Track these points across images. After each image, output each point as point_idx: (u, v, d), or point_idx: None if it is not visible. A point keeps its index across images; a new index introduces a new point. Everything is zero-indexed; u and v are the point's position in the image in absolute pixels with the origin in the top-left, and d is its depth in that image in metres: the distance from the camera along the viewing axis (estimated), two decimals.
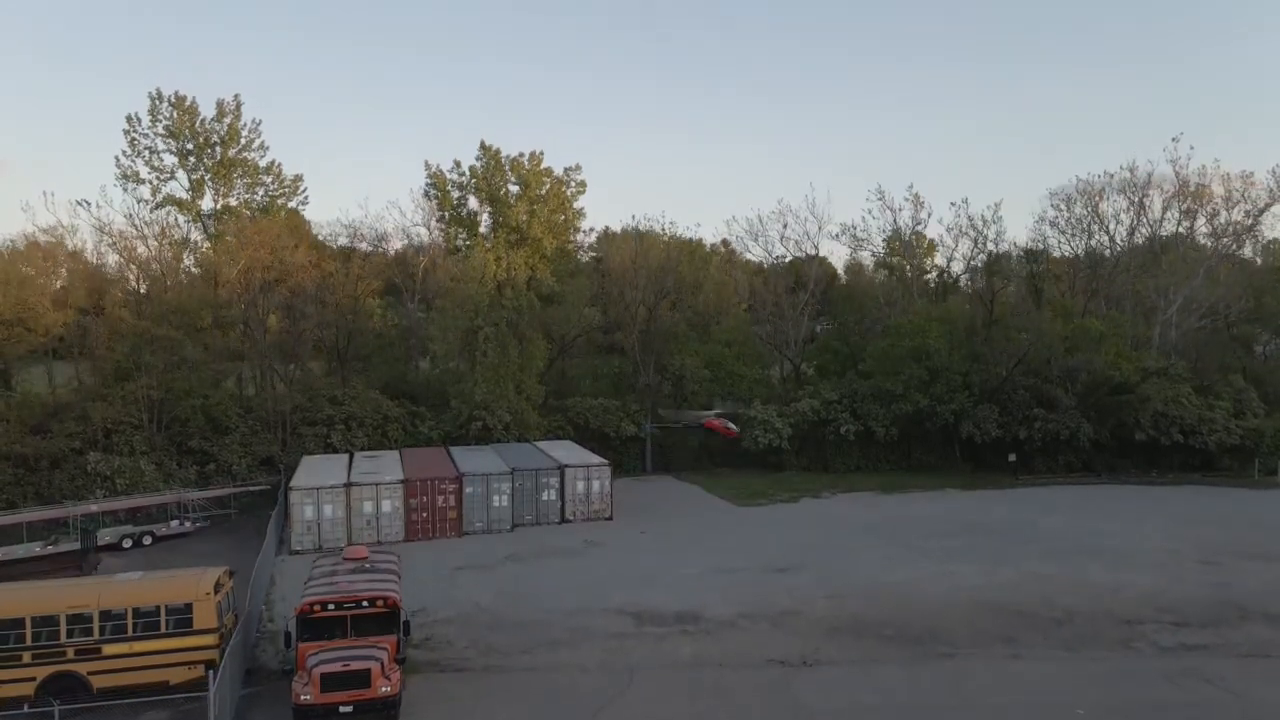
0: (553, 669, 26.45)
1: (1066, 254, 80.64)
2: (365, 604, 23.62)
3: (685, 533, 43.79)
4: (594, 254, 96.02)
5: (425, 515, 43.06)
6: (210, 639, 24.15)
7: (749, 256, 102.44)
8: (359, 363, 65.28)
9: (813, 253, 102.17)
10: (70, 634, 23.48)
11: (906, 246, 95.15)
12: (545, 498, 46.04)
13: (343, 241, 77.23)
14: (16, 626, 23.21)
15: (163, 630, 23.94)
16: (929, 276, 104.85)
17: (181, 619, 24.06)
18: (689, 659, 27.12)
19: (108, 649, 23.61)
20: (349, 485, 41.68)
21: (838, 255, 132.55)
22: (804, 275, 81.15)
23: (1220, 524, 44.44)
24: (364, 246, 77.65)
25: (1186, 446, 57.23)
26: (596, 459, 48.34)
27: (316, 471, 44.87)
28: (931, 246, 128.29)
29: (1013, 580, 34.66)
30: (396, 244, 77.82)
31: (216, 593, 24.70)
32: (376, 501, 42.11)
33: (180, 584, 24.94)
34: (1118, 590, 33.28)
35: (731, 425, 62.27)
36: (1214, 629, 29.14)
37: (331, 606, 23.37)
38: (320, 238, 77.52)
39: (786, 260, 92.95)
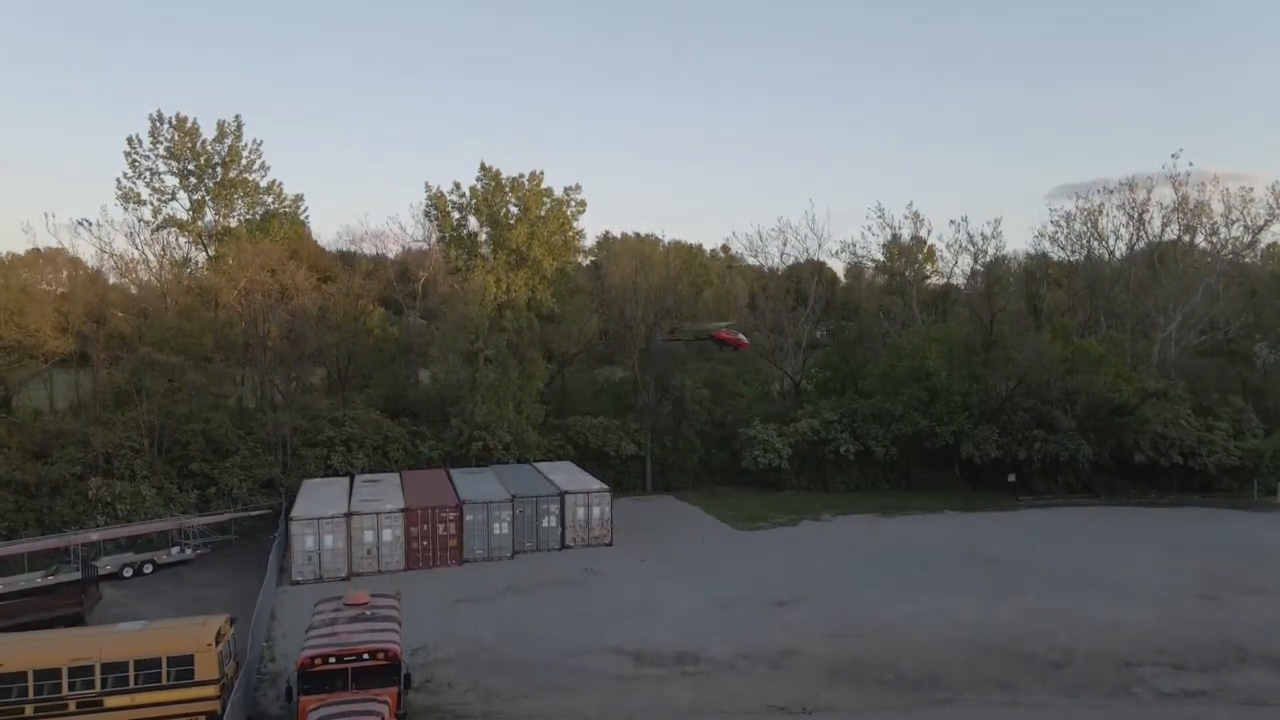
0: (553, 715, 26.55)
1: (1067, 260, 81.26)
2: (366, 656, 23.72)
3: (684, 560, 43.79)
4: (593, 259, 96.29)
5: (426, 544, 43.11)
6: (212, 690, 24.28)
7: (749, 261, 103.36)
8: (359, 379, 65.34)
9: (813, 260, 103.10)
10: (72, 686, 23.58)
11: (906, 253, 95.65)
12: (546, 524, 46.10)
13: (344, 246, 77.37)
14: (19, 680, 23.29)
15: (164, 682, 24.05)
16: (929, 281, 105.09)
17: (183, 670, 24.16)
18: (688, 705, 27.22)
19: (109, 701, 23.72)
20: (349, 515, 41.70)
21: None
22: (804, 285, 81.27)
23: (1219, 552, 44.41)
24: (365, 250, 77.65)
25: (1186, 468, 57.24)
26: (597, 484, 48.36)
27: (317, 499, 44.90)
28: (931, 252, 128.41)
29: (1012, 617, 34.72)
30: (397, 248, 77.84)
31: (218, 643, 24.79)
32: (377, 530, 42.15)
33: (182, 635, 25.01)
34: (1117, 628, 33.35)
35: (742, 336, 61.87)
36: (1213, 673, 29.21)
37: (333, 660, 23.47)
38: (321, 246, 77.79)
39: (787, 265, 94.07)
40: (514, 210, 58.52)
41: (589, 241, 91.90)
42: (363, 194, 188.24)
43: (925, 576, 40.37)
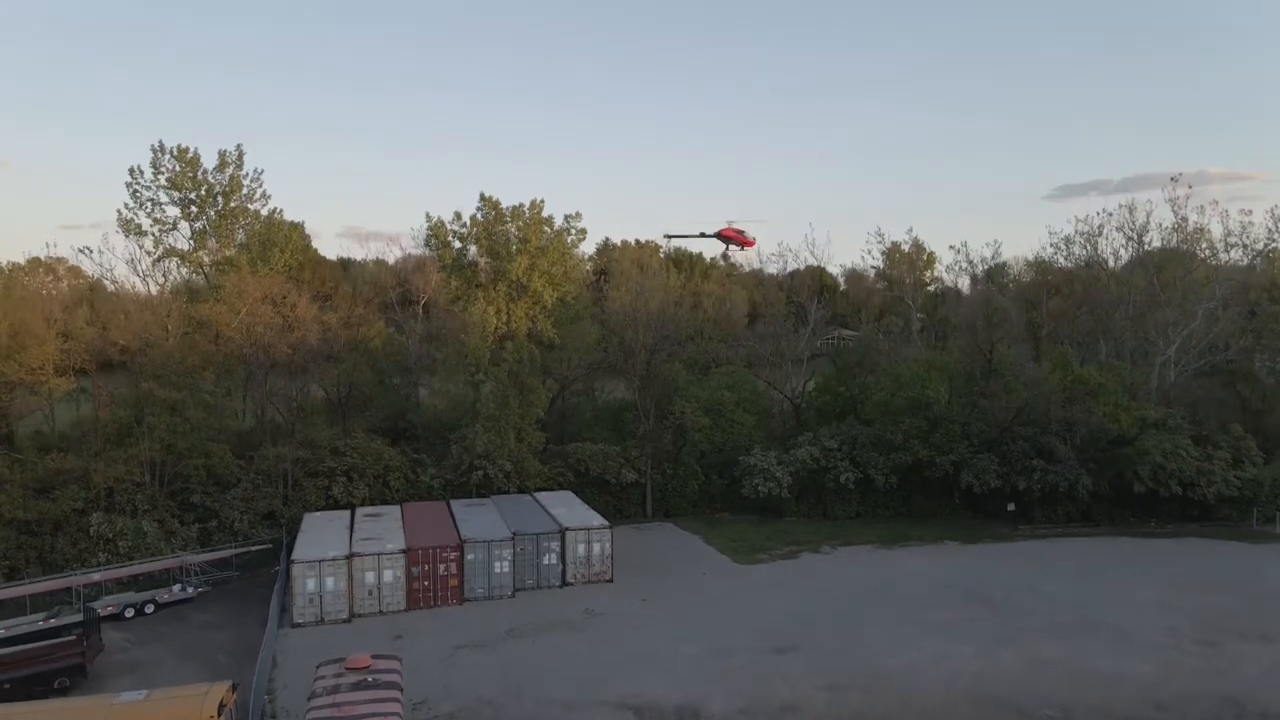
0: None
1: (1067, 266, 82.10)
2: None
3: (684, 600, 43.78)
4: (592, 264, 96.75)
5: (427, 584, 43.13)
6: None
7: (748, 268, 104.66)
8: (359, 399, 65.18)
9: (812, 269, 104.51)
10: None
11: (906, 260, 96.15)
12: (546, 561, 46.14)
13: (347, 245, 77.43)
14: None
15: None
16: (930, 288, 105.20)
17: None
18: None
19: None
20: (350, 556, 41.69)
21: (838, 264, 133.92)
22: (805, 302, 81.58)
23: (1219, 591, 44.29)
24: (367, 254, 77.75)
25: (1185, 498, 57.23)
26: (598, 520, 48.35)
27: (318, 537, 44.88)
28: (931, 259, 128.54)
29: (1012, 667, 34.73)
30: (399, 253, 77.79)
31: (220, 714, 24.84)
32: (378, 571, 42.16)
33: (184, 706, 25.05)
34: (1117, 681, 33.38)
35: (748, 234, 62.28)
36: None
37: None
38: (323, 255, 77.85)
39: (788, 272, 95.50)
40: (514, 239, 58.46)
41: (589, 248, 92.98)
42: (363, 191, 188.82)
43: (925, 619, 40.39)
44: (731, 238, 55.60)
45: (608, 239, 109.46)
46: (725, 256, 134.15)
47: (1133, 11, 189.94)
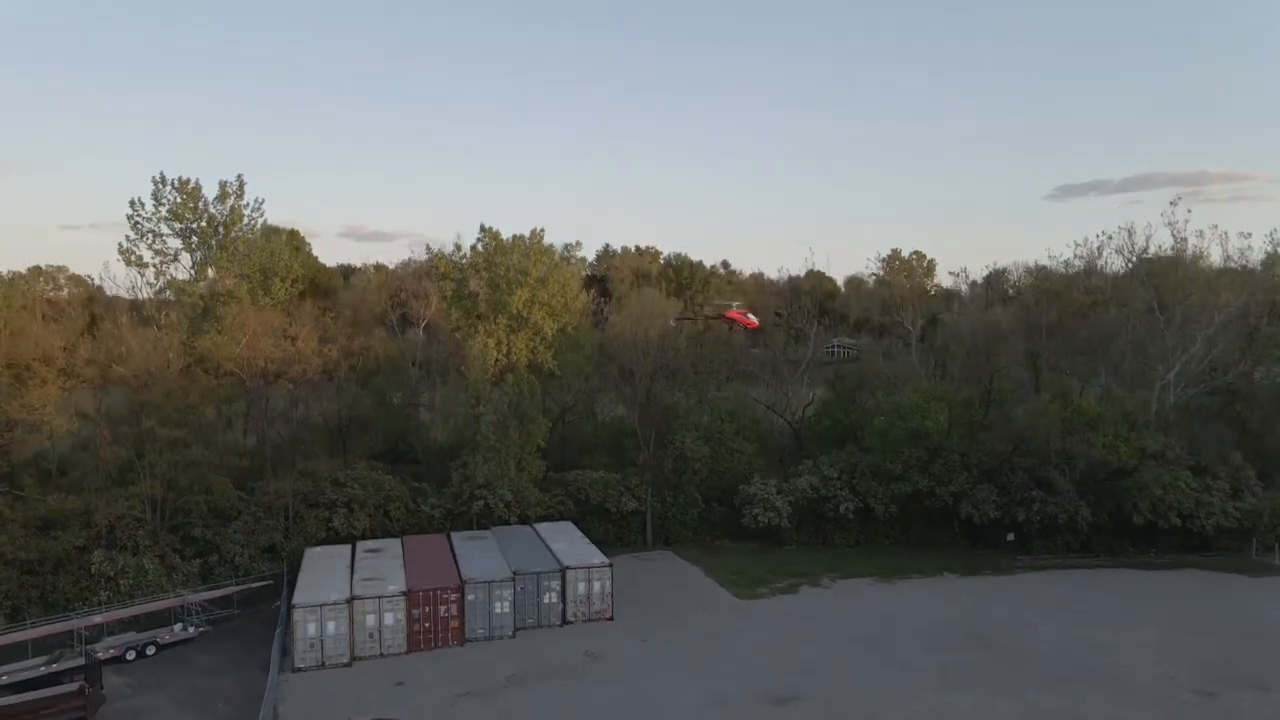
0: None
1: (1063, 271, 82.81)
2: None
3: (685, 641, 43.79)
4: (594, 270, 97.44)
5: (428, 625, 43.23)
6: None
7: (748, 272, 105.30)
8: (359, 425, 65.35)
9: (813, 273, 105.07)
10: None
11: (906, 267, 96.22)
12: (547, 600, 46.23)
13: (348, 244, 78.03)
14: None
15: None
16: (930, 293, 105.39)
17: None
18: None
19: None
20: (351, 600, 41.74)
21: (837, 269, 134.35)
22: (804, 321, 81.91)
23: (1218, 630, 44.44)
24: (368, 253, 78.33)
25: (1184, 529, 57.32)
26: (598, 558, 48.35)
27: (319, 576, 44.93)
28: (932, 266, 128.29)
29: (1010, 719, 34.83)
30: (401, 258, 78.34)
31: None
32: (379, 614, 42.25)
33: None
34: None
35: (751, 316, 63.07)
36: None
37: None
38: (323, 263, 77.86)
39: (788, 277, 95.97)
40: (514, 270, 58.52)
41: (589, 254, 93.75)
42: (365, 191, 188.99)
43: (924, 664, 40.47)
44: (735, 319, 57.06)
45: (607, 245, 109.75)
46: (725, 265, 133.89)
47: (1133, 12, 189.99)
